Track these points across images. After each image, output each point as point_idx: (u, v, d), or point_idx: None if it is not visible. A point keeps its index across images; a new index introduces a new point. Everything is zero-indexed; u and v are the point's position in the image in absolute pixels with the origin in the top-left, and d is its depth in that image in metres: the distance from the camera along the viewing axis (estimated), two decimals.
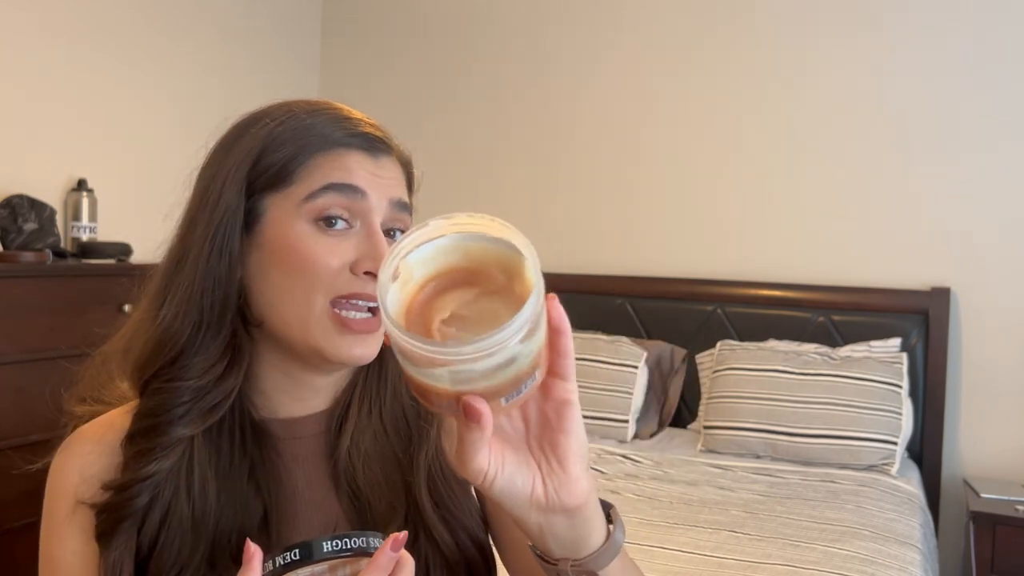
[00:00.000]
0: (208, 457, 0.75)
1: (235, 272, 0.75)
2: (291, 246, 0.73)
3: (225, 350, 0.75)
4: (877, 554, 1.86)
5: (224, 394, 0.75)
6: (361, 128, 0.77)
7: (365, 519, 0.77)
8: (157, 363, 0.75)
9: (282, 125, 0.77)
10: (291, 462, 0.78)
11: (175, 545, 0.72)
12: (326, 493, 0.78)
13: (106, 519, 0.73)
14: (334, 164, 0.74)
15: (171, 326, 0.75)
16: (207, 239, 0.75)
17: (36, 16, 2.61)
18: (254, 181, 0.76)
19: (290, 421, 0.80)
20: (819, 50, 3.00)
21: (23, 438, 2.25)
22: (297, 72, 3.71)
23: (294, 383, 0.79)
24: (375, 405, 0.82)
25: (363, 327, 0.73)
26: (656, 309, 3.13)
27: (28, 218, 2.40)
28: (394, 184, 0.78)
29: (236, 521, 0.74)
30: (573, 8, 3.36)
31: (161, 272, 0.79)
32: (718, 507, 2.15)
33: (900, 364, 2.66)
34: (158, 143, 3.05)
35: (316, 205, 0.73)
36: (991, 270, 2.78)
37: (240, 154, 0.77)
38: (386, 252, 0.66)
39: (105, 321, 2.75)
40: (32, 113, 2.61)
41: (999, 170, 2.78)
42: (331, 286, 0.72)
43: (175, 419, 0.73)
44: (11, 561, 2.24)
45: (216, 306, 0.74)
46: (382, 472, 0.79)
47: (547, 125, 3.37)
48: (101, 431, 0.78)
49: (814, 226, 3.00)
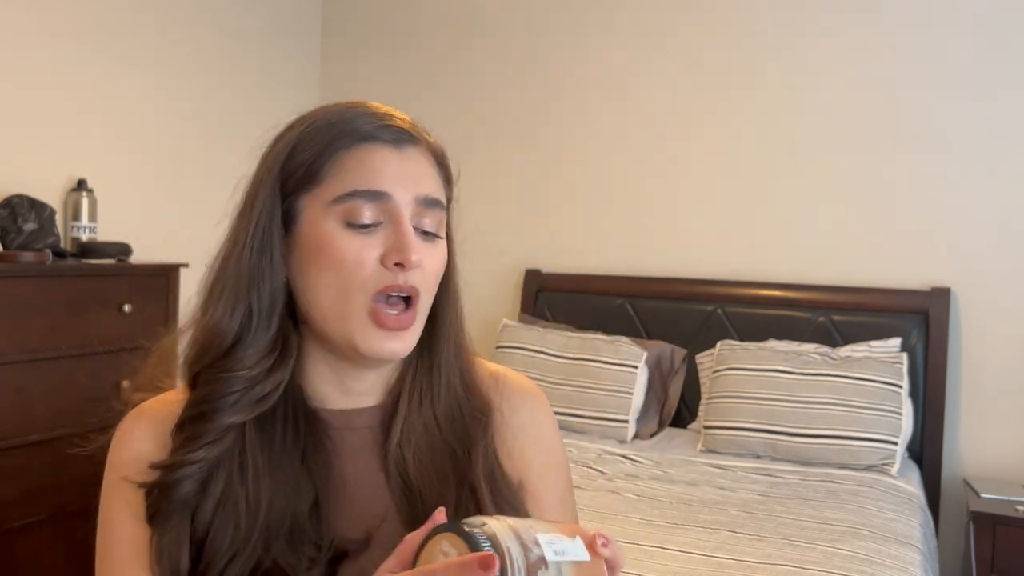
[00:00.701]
0: (260, 445, 0.78)
1: (279, 270, 0.79)
2: (323, 245, 0.76)
3: (275, 344, 0.79)
4: (877, 554, 1.86)
5: (274, 385, 0.78)
6: (384, 121, 0.79)
7: (416, 509, 0.78)
8: (210, 356, 0.79)
9: (310, 127, 0.80)
10: (342, 451, 0.81)
11: (229, 529, 0.74)
12: (377, 483, 0.81)
13: (154, 500, 0.75)
14: (359, 163, 0.77)
15: (221, 321, 0.78)
16: (249, 239, 0.79)
17: (36, 16, 2.61)
18: (286, 182, 0.79)
19: (341, 413, 0.83)
20: (819, 50, 3.00)
21: (23, 438, 2.25)
22: (297, 72, 3.71)
23: (339, 377, 0.82)
24: (426, 399, 0.84)
25: (398, 323, 0.76)
26: (656, 309, 3.13)
27: (28, 218, 2.40)
28: (421, 178, 0.79)
29: (288, 505, 0.76)
30: (572, 8, 3.36)
31: (212, 271, 0.82)
32: (718, 507, 2.15)
33: (900, 364, 2.66)
34: (158, 143, 3.05)
35: (344, 208, 0.76)
36: (991, 270, 2.78)
37: (274, 157, 0.81)
38: (412, 245, 0.73)
39: (105, 321, 2.74)
40: (32, 113, 2.61)
41: (999, 170, 2.78)
42: (365, 282, 0.76)
43: (226, 407, 0.76)
44: (11, 561, 2.24)
45: (264, 302, 0.78)
46: (433, 464, 0.81)
47: (546, 125, 3.37)
48: (155, 414, 0.81)
49: (814, 226, 3.00)
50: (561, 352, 2.91)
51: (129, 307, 2.50)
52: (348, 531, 0.76)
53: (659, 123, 3.23)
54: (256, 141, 0.86)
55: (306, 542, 0.74)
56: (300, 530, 0.74)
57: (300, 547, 0.74)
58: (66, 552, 2.38)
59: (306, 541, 0.74)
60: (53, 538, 2.34)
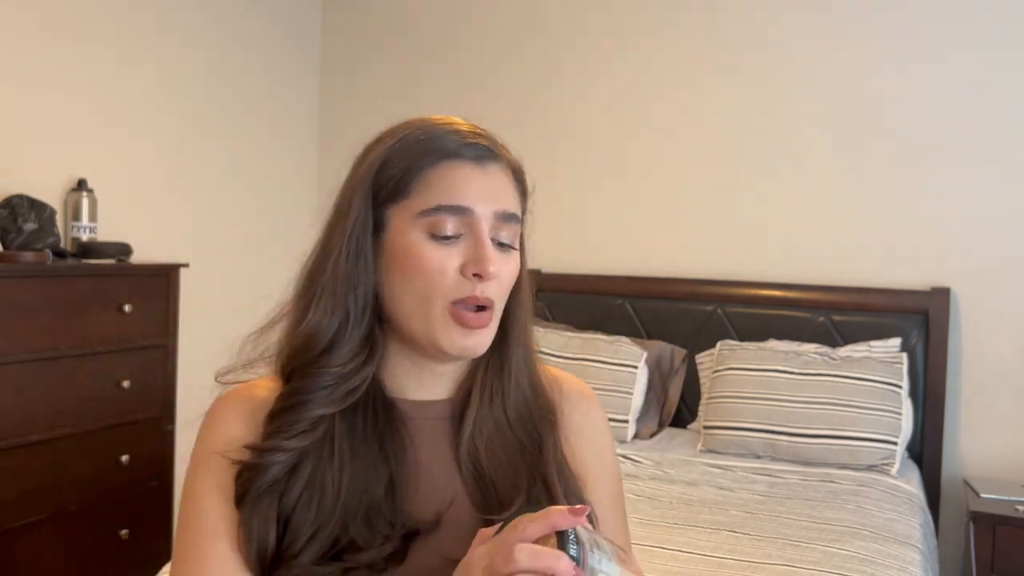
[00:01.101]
0: (346, 433, 0.84)
1: (371, 275, 0.85)
2: (409, 253, 0.83)
3: (365, 342, 0.85)
4: (877, 554, 1.86)
5: (362, 379, 0.84)
6: (467, 139, 0.85)
7: (489, 496, 0.85)
8: (308, 355, 0.84)
9: (399, 142, 0.86)
10: (417, 438, 0.87)
11: (312, 510, 0.80)
12: (448, 470, 0.87)
13: (244, 481, 0.80)
14: (443, 180, 0.83)
15: (321, 323, 0.84)
16: (344, 245, 0.85)
17: (36, 16, 2.61)
18: (377, 193, 0.85)
19: (417, 403, 0.89)
20: (819, 50, 3.00)
21: (23, 438, 2.25)
22: (297, 72, 3.71)
23: (418, 370, 0.89)
24: (497, 395, 0.90)
25: (476, 322, 0.83)
26: (656, 309, 3.13)
27: (28, 218, 2.40)
28: (500, 193, 0.85)
29: (366, 486, 0.82)
30: (574, 9, 3.36)
31: (306, 274, 0.89)
32: (718, 507, 2.15)
33: (900, 364, 2.66)
34: (158, 143, 3.05)
35: (429, 221, 0.82)
36: (991, 270, 2.78)
37: (366, 169, 0.87)
38: (491, 258, 0.81)
39: (105, 321, 2.74)
40: (32, 113, 2.61)
41: (999, 170, 2.78)
42: (446, 290, 0.82)
43: (319, 399, 0.83)
44: (11, 561, 2.24)
45: (358, 304, 0.85)
46: (504, 454, 0.88)
47: (547, 125, 3.37)
48: (248, 401, 0.86)
49: (814, 226, 3.00)
50: (561, 352, 2.91)
51: (129, 307, 2.51)
52: (419, 512, 0.82)
53: (659, 123, 3.23)
54: (256, 141, 0.87)
55: (381, 520, 0.80)
56: (376, 509, 0.80)
57: (375, 525, 0.80)
58: (66, 552, 2.38)
59: (381, 519, 0.80)
60: (53, 538, 2.34)
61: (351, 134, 4.10)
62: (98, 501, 2.46)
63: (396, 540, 0.79)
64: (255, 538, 0.79)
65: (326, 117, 3.81)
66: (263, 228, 3.54)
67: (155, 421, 2.63)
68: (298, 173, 3.73)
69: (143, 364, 2.58)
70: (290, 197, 3.68)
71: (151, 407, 2.61)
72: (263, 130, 3.51)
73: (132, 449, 2.55)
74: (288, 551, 0.78)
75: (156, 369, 2.63)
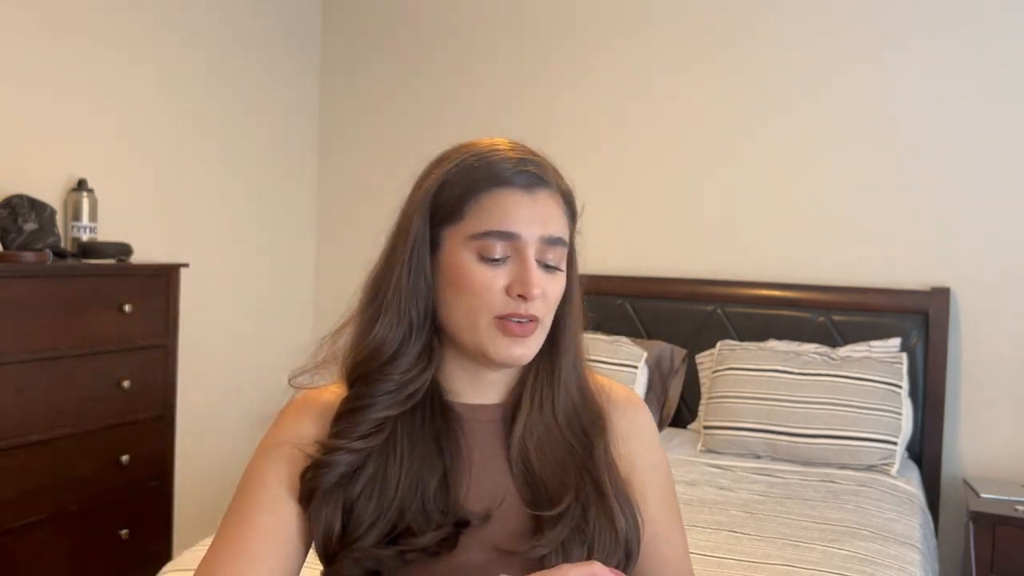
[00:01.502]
0: (406, 433, 0.91)
1: (429, 290, 0.93)
2: (461, 273, 0.90)
3: (424, 350, 0.93)
4: (877, 554, 1.86)
5: (421, 384, 0.92)
6: (518, 167, 0.92)
7: (539, 493, 0.92)
8: (373, 365, 0.92)
9: (456, 167, 0.92)
10: (470, 438, 0.94)
11: (374, 499, 0.88)
12: (499, 468, 0.94)
13: (311, 479, 0.88)
14: (495, 206, 0.90)
15: (386, 337, 0.92)
16: (405, 262, 0.92)
17: (36, 15, 2.61)
18: (434, 214, 0.92)
19: (471, 406, 0.97)
20: (821, 53, 3.00)
21: (23, 438, 2.25)
22: (297, 72, 3.71)
23: (470, 376, 0.96)
24: (547, 401, 0.97)
25: (521, 331, 0.90)
26: (656, 309, 3.13)
27: (28, 218, 2.40)
28: (548, 219, 0.92)
29: (421, 478, 0.89)
30: (570, 10, 3.36)
31: (370, 286, 0.96)
32: (718, 507, 2.15)
33: (900, 364, 2.66)
34: (158, 143, 3.05)
35: (479, 244, 0.90)
36: (991, 270, 2.78)
37: (425, 191, 0.93)
38: (534, 281, 0.88)
39: (105, 321, 2.74)
40: (32, 113, 2.61)
41: (999, 171, 2.78)
42: (492, 306, 0.89)
43: (383, 403, 0.91)
44: (11, 561, 2.24)
45: (419, 317, 0.92)
46: (554, 455, 0.95)
47: (546, 125, 3.37)
48: (320, 405, 0.94)
49: (814, 226, 3.00)
50: None
51: (129, 307, 2.51)
52: (471, 505, 0.90)
53: (659, 123, 3.23)
54: (256, 141, 0.89)
55: (435, 510, 0.88)
56: (430, 500, 0.88)
57: (430, 514, 0.87)
58: (66, 552, 2.38)
59: (435, 509, 0.88)
60: (53, 538, 2.34)
61: (351, 134, 4.12)
62: (98, 501, 2.46)
63: (448, 528, 0.87)
64: (322, 527, 0.87)
65: (326, 117, 3.81)
66: (263, 228, 3.54)
67: (155, 421, 2.63)
68: (298, 173, 3.73)
69: (143, 364, 2.58)
70: (290, 197, 3.68)
71: (151, 407, 2.61)
72: (263, 130, 3.51)
73: (132, 449, 2.55)
74: (350, 536, 0.87)
75: (156, 369, 2.63)
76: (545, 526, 0.89)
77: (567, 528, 0.88)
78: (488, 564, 0.87)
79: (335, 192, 3.78)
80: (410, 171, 0.99)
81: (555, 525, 0.88)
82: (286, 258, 3.68)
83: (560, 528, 0.88)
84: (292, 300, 3.72)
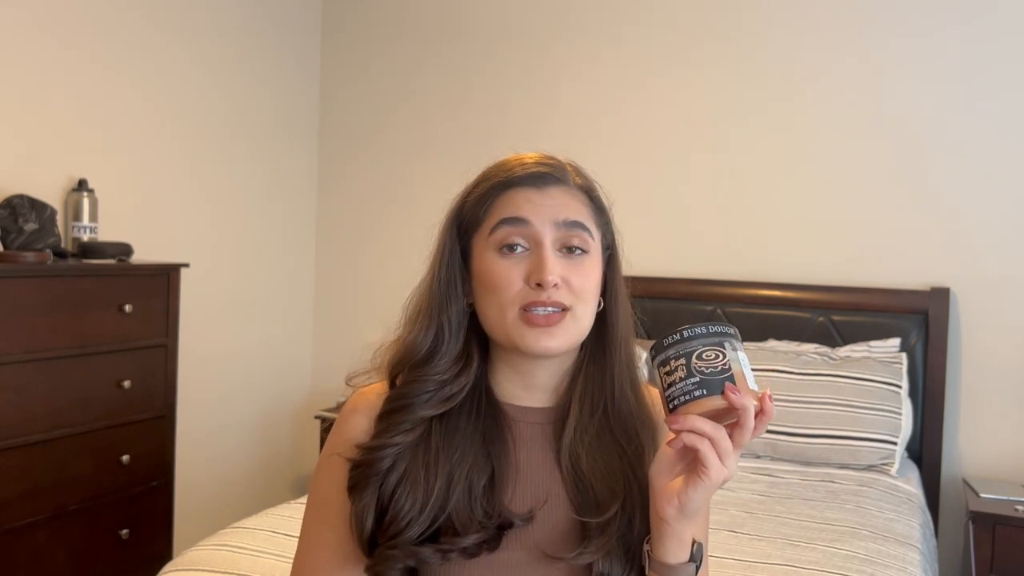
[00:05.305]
0: (442, 433, 0.95)
1: (462, 296, 0.98)
2: (486, 272, 0.95)
3: (461, 354, 0.97)
4: (877, 554, 1.86)
5: (459, 387, 0.96)
6: (530, 169, 0.96)
7: (587, 497, 0.93)
8: (405, 364, 0.97)
9: (477, 183, 0.99)
10: (519, 440, 0.97)
11: (413, 495, 0.90)
12: (547, 470, 0.96)
13: (357, 474, 0.92)
14: (507, 202, 0.95)
15: (417, 338, 0.97)
16: (437, 272, 0.98)
17: (36, 15, 2.61)
18: (460, 225, 0.99)
19: (521, 408, 0.99)
20: (820, 51, 3.00)
21: (23, 438, 2.25)
22: (297, 72, 3.71)
23: (519, 375, 0.99)
24: (598, 406, 0.98)
25: (545, 321, 0.91)
26: (656, 309, 3.12)
27: (28, 218, 2.40)
28: (560, 208, 0.94)
29: (468, 477, 0.92)
30: (572, 8, 3.36)
31: (413, 297, 1.01)
32: (717, 507, 2.15)
33: (900, 364, 2.66)
34: (158, 143, 3.05)
35: (496, 237, 0.94)
36: (991, 270, 2.78)
37: (452, 209, 1.01)
38: (547, 267, 0.91)
39: (105, 321, 2.74)
40: (32, 113, 2.61)
41: (999, 170, 2.78)
42: (515, 299, 0.92)
43: (421, 403, 0.94)
44: (11, 561, 2.24)
45: (453, 322, 0.97)
46: (604, 461, 0.96)
47: (546, 124, 3.37)
48: (370, 405, 0.99)
49: (814, 226, 3.00)
50: None
51: (129, 307, 2.51)
52: (516, 506, 0.92)
53: (658, 123, 3.23)
54: (256, 141, 0.89)
55: (479, 510, 0.90)
56: (476, 499, 0.91)
57: (474, 513, 0.90)
58: (66, 552, 2.38)
59: (479, 509, 0.90)
60: (53, 538, 2.34)
61: (351, 134, 4.12)
62: (98, 501, 2.46)
63: (491, 529, 0.89)
64: (356, 522, 0.91)
65: (326, 117, 3.81)
66: (263, 228, 3.54)
67: (155, 421, 2.63)
68: (298, 173, 3.73)
69: (143, 364, 2.58)
70: (290, 197, 3.68)
71: (151, 407, 2.61)
72: (263, 130, 3.51)
73: (132, 449, 2.55)
74: (390, 531, 0.90)
75: (156, 369, 2.63)
76: (592, 533, 0.90)
77: (613, 536, 0.90)
78: (527, 564, 0.89)
79: (335, 192, 3.78)
80: (410, 171, 1.00)
81: (602, 532, 0.90)
82: (286, 258, 3.68)
83: (607, 536, 0.89)
84: (292, 300, 3.72)
